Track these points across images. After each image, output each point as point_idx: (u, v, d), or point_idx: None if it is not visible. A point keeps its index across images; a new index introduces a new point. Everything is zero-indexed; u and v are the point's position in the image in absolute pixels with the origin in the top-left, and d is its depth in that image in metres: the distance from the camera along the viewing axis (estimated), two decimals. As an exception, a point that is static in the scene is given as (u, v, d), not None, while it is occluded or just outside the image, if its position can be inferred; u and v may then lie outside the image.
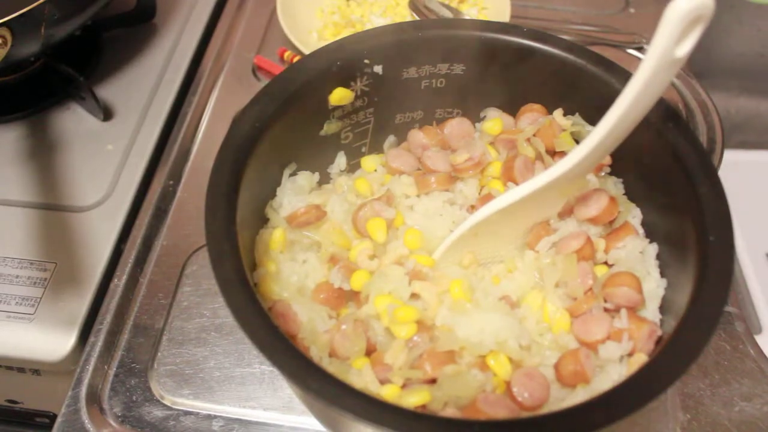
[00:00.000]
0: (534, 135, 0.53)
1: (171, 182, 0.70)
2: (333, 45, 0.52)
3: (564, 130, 0.53)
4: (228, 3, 0.89)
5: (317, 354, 0.45)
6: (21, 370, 0.62)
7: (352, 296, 0.49)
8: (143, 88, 0.79)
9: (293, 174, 0.54)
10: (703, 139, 0.72)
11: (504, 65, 0.54)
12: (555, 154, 0.53)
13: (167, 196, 0.69)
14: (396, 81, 0.54)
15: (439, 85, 0.55)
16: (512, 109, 0.57)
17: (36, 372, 0.62)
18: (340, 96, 0.53)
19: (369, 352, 0.46)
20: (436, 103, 0.57)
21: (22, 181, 0.70)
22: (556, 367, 0.44)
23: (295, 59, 0.79)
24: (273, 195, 0.53)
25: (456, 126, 0.56)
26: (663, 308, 0.47)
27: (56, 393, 0.61)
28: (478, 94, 0.56)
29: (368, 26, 0.82)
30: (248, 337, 0.38)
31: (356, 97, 0.54)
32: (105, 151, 0.73)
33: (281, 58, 0.81)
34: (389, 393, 0.43)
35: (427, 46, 0.53)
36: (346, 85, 0.52)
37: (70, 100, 0.77)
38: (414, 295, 0.47)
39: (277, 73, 0.51)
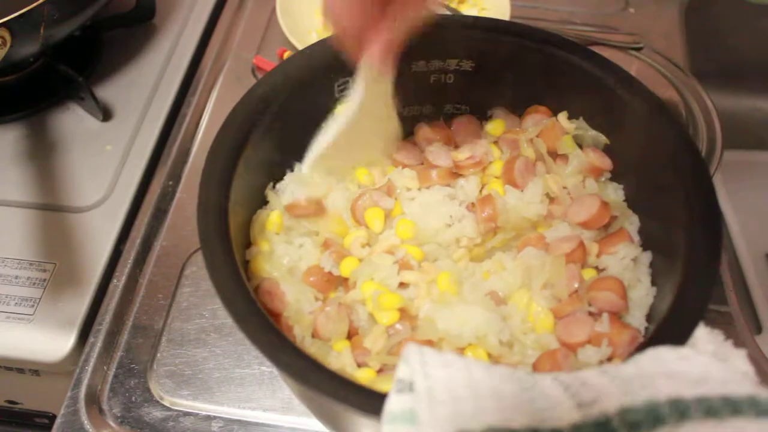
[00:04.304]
0: (537, 136, 0.54)
1: (170, 183, 0.70)
2: None
3: (567, 133, 0.53)
4: (227, 3, 0.89)
5: (300, 333, 0.46)
6: (20, 370, 0.62)
7: (342, 282, 0.49)
8: (142, 88, 0.79)
9: (299, 160, 0.54)
10: (702, 139, 0.72)
11: (513, 65, 0.54)
12: (557, 156, 0.54)
13: (167, 197, 0.69)
14: (404, 73, 0.53)
15: (447, 80, 0.55)
16: (519, 109, 0.57)
17: (35, 372, 0.62)
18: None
19: (351, 336, 0.47)
20: (445, 98, 0.57)
21: (22, 182, 0.70)
22: (535, 366, 0.44)
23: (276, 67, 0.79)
24: (274, 177, 0.53)
25: (463, 124, 0.56)
26: (651, 317, 0.47)
27: (56, 393, 0.61)
28: (487, 92, 0.56)
29: (368, 26, 0.82)
30: (225, 305, 0.39)
31: None
32: (104, 152, 0.73)
33: (281, 59, 0.81)
34: (364, 376, 0.44)
35: (436, 40, 0.52)
36: (354, 73, 0.52)
37: (69, 100, 0.77)
38: (402, 285, 0.48)
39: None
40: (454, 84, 0.56)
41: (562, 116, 0.54)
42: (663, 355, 0.35)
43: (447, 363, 0.34)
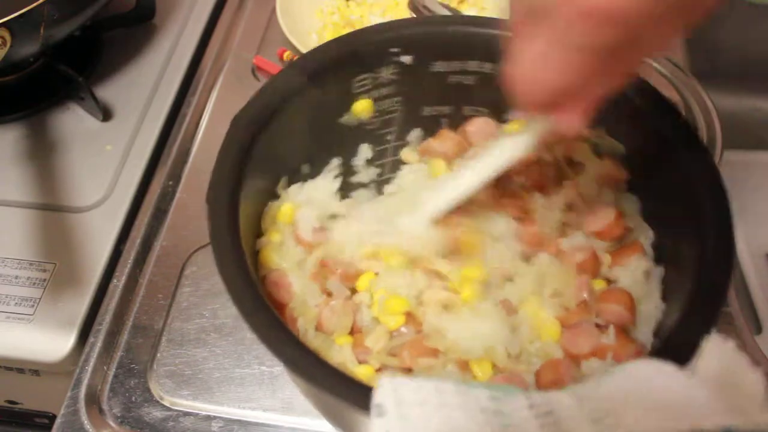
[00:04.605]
0: (554, 143, 0.53)
1: (170, 183, 0.70)
2: (360, 31, 0.52)
3: (584, 140, 0.52)
4: (227, 3, 0.89)
5: (304, 326, 0.46)
6: (20, 370, 0.62)
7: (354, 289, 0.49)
8: (143, 88, 0.78)
9: (312, 173, 0.54)
10: (702, 139, 0.72)
11: None
12: (573, 164, 0.53)
13: (167, 197, 0.69)
14: (424, 73, 0.53)
15: (468, 82, 0.55)
16: None
17: (35, 372, 0.62)
18: (362, 107, 0.53)
19: (354, 332, 0.47)
20: (465, 99, 0.56)
21: (21, 182, 0.70)
22: (537, 374, 0.44)
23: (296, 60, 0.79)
24: (290, 171, 0.53)
25: (480, 125, 0.56)
26: (659, 332, 0.46)
27: (56, 393, 0.61)
28: (505, 96, 0.56)
29: (368, 26, 0.82)
30: (234, 301, 0.39)
31: (383, 85, 0.54)
32: (104, 152, 0.73)
33: (281, 59, 0.81)
34: (363, 372, 0.43)
35: (456, 41, 0.52)
36: (373, 71, 0.52)
37: (69, 100, 0.77)
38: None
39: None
40: (474, 86, 0.55)
41: None
42: (644, 373, 0.34)
43: (422, 401, 0.34)
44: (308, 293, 0.47)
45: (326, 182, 0.54)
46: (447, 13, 0.79)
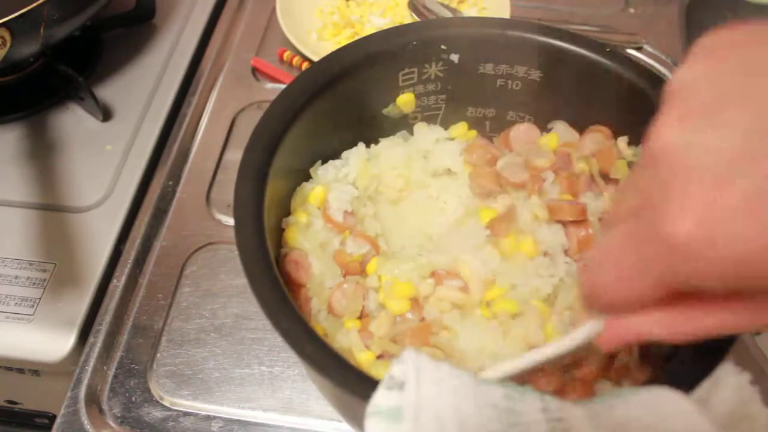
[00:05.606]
0: (591, 155, 0.52)
1: (170, 183, 0.70)
2: (411, 25, 0.52)
3: (623, 158, 0.51)
4: (227, 3, 0.89)
5: (317, 306, 0.46)
6: (20, 370, 0.62)
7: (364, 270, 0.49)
8: (142, 88, 0.79)
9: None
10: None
11: (582, 82, 0.52)
12: (608, 180, 0.52)
13: (166, 197, 0.69)
14: (471, 73, 0.53)
15: (514, 87, 0.54)
16: (581, 126, 0.55)
17: (35, 372, 0.62)
18: (406, 100, 0.54)
19: (363, 317, 0.47)
20: (510, 104, 0.56)
21: (21, 182, 0.70)
22: (537, 384, 0.43)
23: (295, 60, 0.79)
24: (326, 155, 0.53)
25: (523, 131, 0.55)
26: (672, 359, 0.45)
27: (55, 394, 0.61)
28: (552, 105, 0.55)
29: (368, 26, 0.82)
30: (248, 280, 0.39)
31: (430, 81, 0.54)
32: (104, 152, 0.73)
33: (280, 59, 0.81)
34: (364, 358, 0.44)
35: (507, 45, 0.52)
36: (420, 66, 0.53)
37: (69, 100, 0.77)
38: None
39: (309, 65, 0.51)
40: (521, 91, 0.54)
41: (622, 141, 0.52)
42: (655, 401, 0.33)
43: (439, 380, 0.33)
44: (327, 275, 0.47)
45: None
46: (447, 13, 0.79)
